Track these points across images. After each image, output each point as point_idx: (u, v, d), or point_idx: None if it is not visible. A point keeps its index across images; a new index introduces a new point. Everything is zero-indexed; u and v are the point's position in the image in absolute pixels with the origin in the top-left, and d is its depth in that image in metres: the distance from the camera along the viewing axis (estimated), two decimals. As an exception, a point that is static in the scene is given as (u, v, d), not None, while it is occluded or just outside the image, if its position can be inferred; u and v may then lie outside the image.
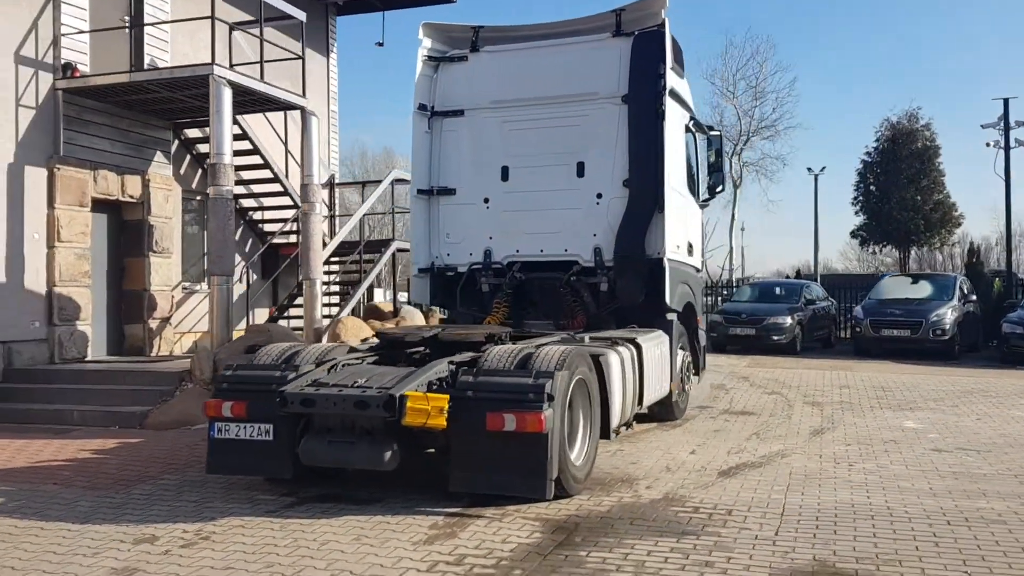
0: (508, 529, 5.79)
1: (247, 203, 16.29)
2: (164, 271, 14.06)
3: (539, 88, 9.90)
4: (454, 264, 10.23)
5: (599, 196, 9.69)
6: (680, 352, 10.19)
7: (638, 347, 8.43)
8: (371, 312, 16.69)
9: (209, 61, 11.82)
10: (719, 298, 25.92)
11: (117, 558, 5.30)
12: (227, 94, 11.52)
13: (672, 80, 9.55)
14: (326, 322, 13.63)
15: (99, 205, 13.10)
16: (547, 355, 6.50)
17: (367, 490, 6.82)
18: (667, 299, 9.34)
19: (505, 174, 10.01)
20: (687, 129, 10.48)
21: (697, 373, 11.03)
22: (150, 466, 8.04)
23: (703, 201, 11.28)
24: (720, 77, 43.84)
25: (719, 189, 11.26)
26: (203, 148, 15.07)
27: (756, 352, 19.81)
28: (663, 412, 9.93)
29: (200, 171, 15.25)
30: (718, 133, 11.25)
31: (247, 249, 16.29)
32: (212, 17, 11.91)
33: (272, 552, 5.36)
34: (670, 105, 9.51)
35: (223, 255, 11.45)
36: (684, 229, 10.21)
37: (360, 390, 6.19)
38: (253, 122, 15.26)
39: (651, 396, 8.77)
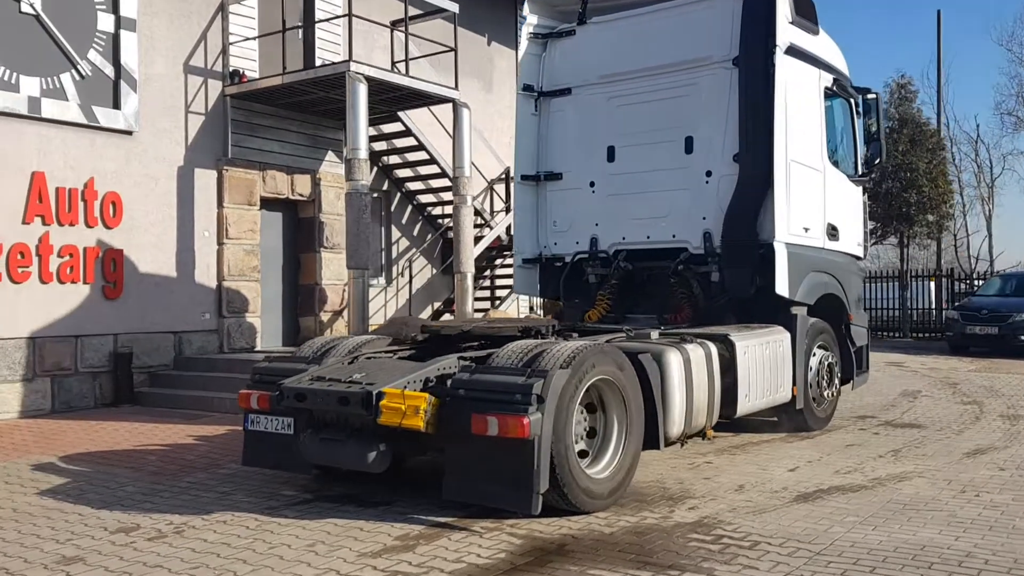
0: (477, 546, 5.14)
1: (425, 199, 16.51)
2: (335, 266, 14.53)
3: (648, 57, 9.00)
4: (561, 254, 9.57)
5: (708, 174, 8.61)
6: (819, 352, 8.80)
7: (730, 345, 7.33)
8: (548, 305, 16.30)
9: (346, 58, 11.98)
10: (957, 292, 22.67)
11: (80, 546, 5.31)
12: (362, 90, 11.62)
13: (792, 36, 8.26)
14: (479, 316, 13.41)
15: (270, 203, 13.80)
16: (557, 352, 5.74)
17: (386, 492, 6.43)
18: (781, 289, 8.08)
19: (611, 154, 9.20)
20: (828, 93, 9.04)
21: (851, 379, 9.49)
22: (227, 455, 8.16)
23: (860, 176, 9.70)
24: (1018, 42, 38.14)
25: (877, 161, 9.62)
26: (377, 146, 15.48)
27: (1002, 355, 17.00)
28: (790, 421, 8.62)
29: (375, 168, 15.64)
30: (874, 96, 9.61)
31: (425, 244, 16.51)
32: (349, 15, 12.11)
33: (217, 553, 5.12)
34: (789, 65, 8.24)
35: (358, 248, 11.56)
36: (819, 208, 8.82)
37: (346, 386, 5.80)
38: (424, 119, 15.38)
39: (753, 403, 7.59)
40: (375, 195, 15.93)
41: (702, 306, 8.65)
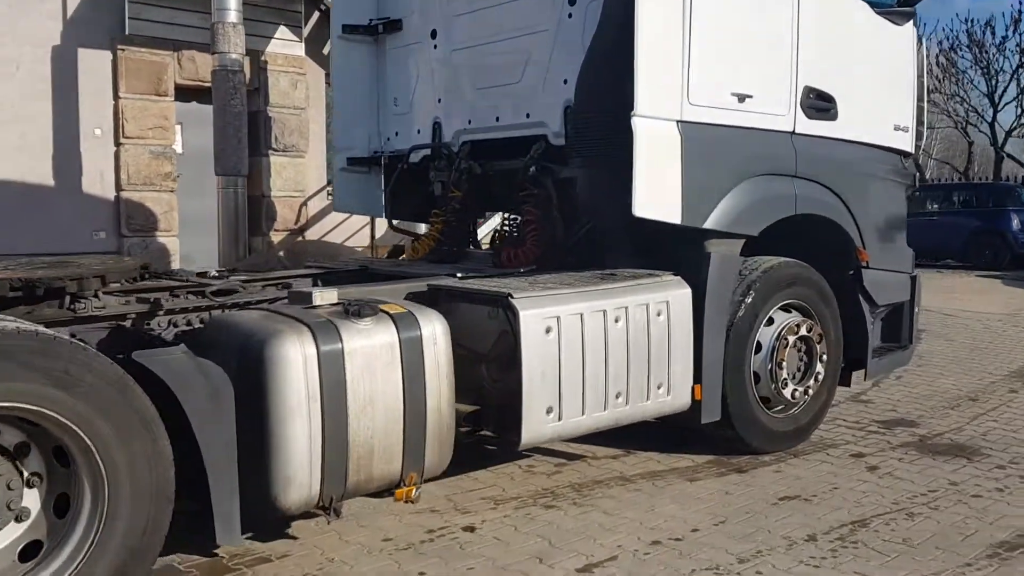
0: None
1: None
2: (290, 174, 11.70)
3: None
4: (403, 149, 6.15)
5: (572, 2, 4.87)
6: (781, 318, 4.99)
7: (510, 314, 3.81)
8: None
9: None
10: None
11: None
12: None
13: None
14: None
15: (196, 94, 11.03)
16: None
17: None
18: (645, 208, 4.34)
19: (453, -17, 5.62)
20: None
21: (863, 363, 5.53)
22: None
23: (896, 4, 5.54)
24: None
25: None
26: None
27: None
28: (721, 437, 4.94)
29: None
30: None
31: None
32: None
33: None
34: None
35: (226, 148, 8.61)
36: (781, 56, 4.89)
37: None
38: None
39: (568, 422, 4.03)
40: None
41: (561, 236, 5.02)
